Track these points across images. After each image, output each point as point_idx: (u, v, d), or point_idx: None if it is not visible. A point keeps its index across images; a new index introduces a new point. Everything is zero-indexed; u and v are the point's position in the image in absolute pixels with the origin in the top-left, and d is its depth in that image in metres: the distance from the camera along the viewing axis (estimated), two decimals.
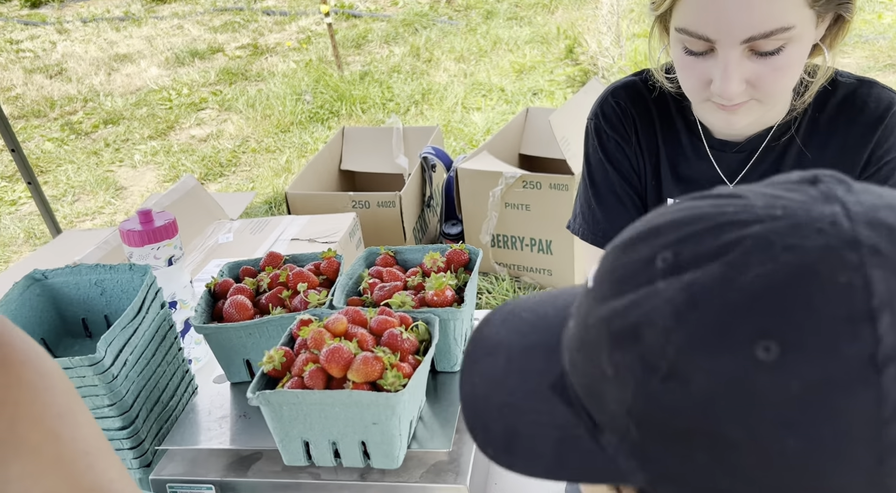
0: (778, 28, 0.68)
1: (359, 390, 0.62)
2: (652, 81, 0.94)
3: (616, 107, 0.93)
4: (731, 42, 0.69)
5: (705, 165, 0.91)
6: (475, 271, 0.82)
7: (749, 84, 0.73)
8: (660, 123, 0.93)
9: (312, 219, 2.20)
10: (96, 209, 3.47)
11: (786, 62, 0.72)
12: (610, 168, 0.94)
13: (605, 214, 0.96)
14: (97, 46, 6.71)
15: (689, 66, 0.75)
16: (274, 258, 0.87)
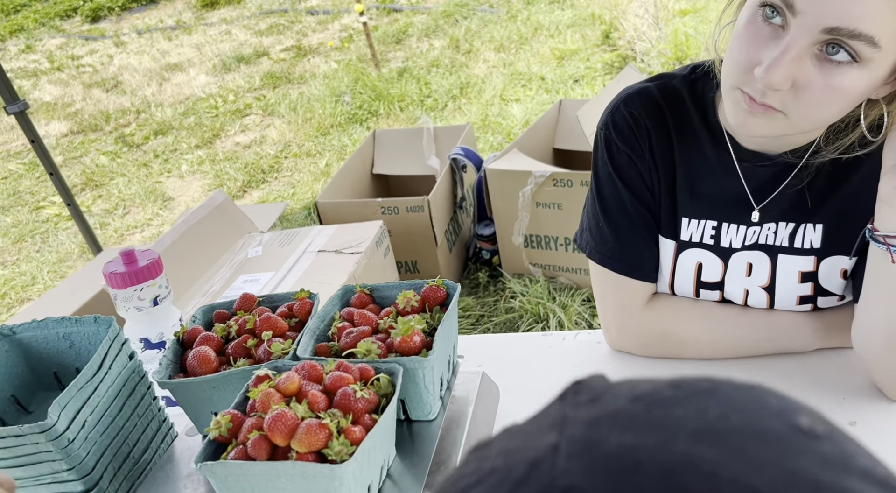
0: (867, 35, 0.59)
1: (304, 460, 0.58)
2: (670, 86, 0.86)
3: (629, 117, 0.85)
4: (811, 23, 0.61)
5: (731, 179, 0.82)
6: (451, 309, 0.77)
7: (794, 86, 0.64)
8: (677, 135, 0.84)
9: (340, 229, 2.18)
10: (145, 222, 3.58)
11: (844, 85, 0.63)
12: (620, 184, 0.87)
13: (614, 233, 0.88)
14: (150, 57, 6.94)
15: (746, 39, 0.66)
16: (246, 301, 0.84)
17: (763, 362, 0.87)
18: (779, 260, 0.83)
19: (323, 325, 0.79)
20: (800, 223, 0.81)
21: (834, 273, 0.81)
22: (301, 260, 2.02)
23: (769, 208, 0.82)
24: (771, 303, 0.85)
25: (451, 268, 2.57)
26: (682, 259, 0.86)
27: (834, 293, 0.83)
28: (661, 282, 0.90)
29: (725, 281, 0.86)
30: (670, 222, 0.87)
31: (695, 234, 0.85)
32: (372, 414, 0.64)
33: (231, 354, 0.76)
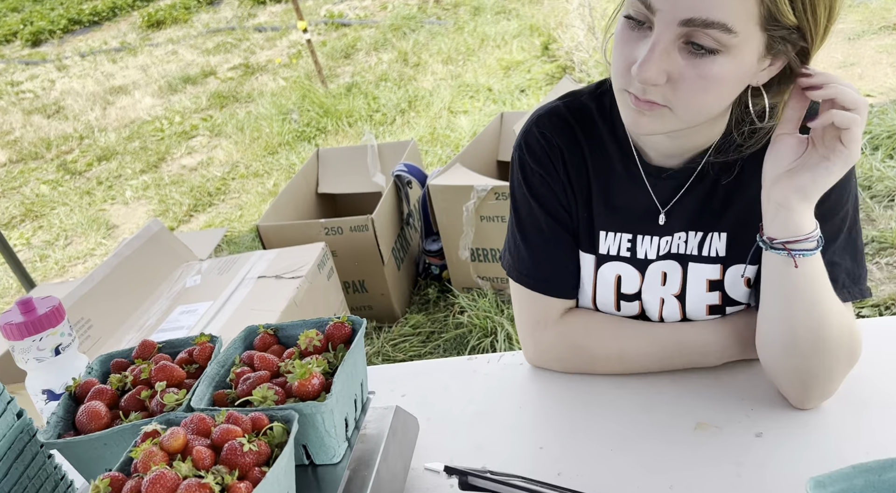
0: (719, 23, 0.62)
1: None
2: (579, 103, 0.87)
3: (540, 138, 0.86)
4: (669, 18, 0.64)
5: (640, 192, 0.84)
6: (355, 346, 0.75)
7: (669, 82, 0.67)
8: (589, 151, 0.85)
9: (281, 253, 2.14)
10: (88, 252, 3.47)
11: (714, 73, 0.65)
12: (535, 204, 0.88)
13: (530, 251, 0.90)
14: (94, 80, 6.78)
15: (621, 41, 0.70)
16: (145, 348, 0.80)
17: (674, 376, 0.87)
18: (689, 268, 0.84)
19: (223, 370, 0.76)
20: (707, 232, 0.83)
21: (738, 281, 0.83)
22: (240, 288, 1.98)
23: (678, 217, 0.83)
24: (683, 312, 0.86)
25: (400, 285, 2.55)
26: (602, 272, 0.88)
27: (740, 302, 0.84)
28: (584, 296, 0.90)
29: (643, 291, 0.87)
30: (589, 237, 0.88)
31: (612, 247, 0.86)
32: (262, 467, 0.62)
33: (124, 407, 0.73)
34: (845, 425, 0.75)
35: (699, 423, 0.79)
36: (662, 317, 0.88)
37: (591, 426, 0.83)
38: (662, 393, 0.85)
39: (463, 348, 2.24)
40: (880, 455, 0.70)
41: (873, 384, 0.80)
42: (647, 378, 0.88)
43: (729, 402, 0.81)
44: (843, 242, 0.78)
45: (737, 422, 0.78)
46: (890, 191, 2.37)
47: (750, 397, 0.81)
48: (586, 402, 0.87)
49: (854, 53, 3.48)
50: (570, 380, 0.92)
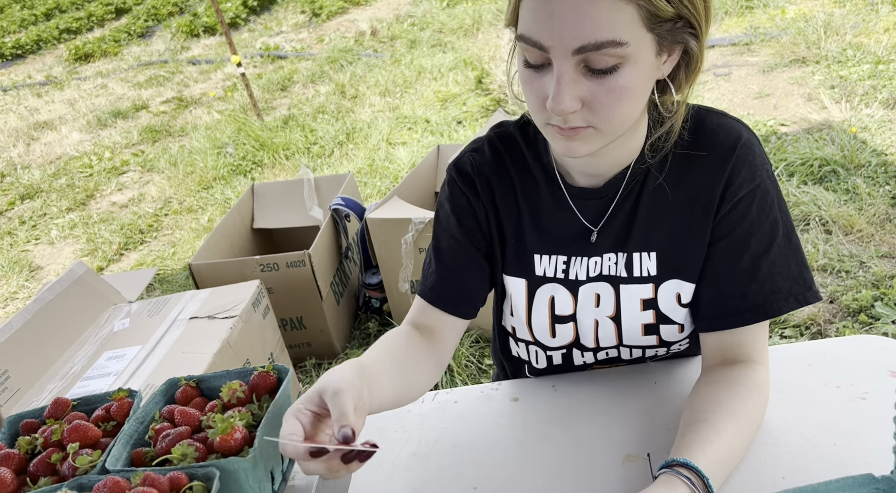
0: (608, 41, 0.64)
1: None
2: (507, 133, 0.90)
3: (472, 166, 0.90)
4: (563, 52, 0.66)
5: (568, 215, 0.86)
6: (281, 395, 0.74)
7: (585, 105, 0.69)
8: (518, 178, 0.88)
9: (214, 292, 2.09)
10: (9, 295, 3.30)
11: (622, 84, 0.67)
12: (455, 222, 0.91)
13: (440, 269, 0.92)
14: (17, 115, 6.52)
15: (528, 82, 0.72)
16: (58, 407, 0.77)
17: (602, 409, 0.88)
18: (621, 290, 0.86)
19: (142, 427, 0.73)
20: (633, 252, 0.84)
21: (671, 298, 0.84)
22: (171, 330, 1.91)
23: (606, 238, 0.85)
24: (619, 333, 0.88)
25: (340, 320, 2.52)
26: (538, 295, 0.89)
27: (674, 321, 0.86)
28: (518, 319, 0.92)
29: (577, 313, 0.88)
30: (522, 261, 0.89)
31: (548, 269, 0.88)
32: None
33: (32, 473, 0.69)
34: (763, 451, 0.78)
35: (627, 455, 0.81)
36: (598, 338, 0.89)
37: (522, 462, 0.84)
38: (592, 427, 0.87)
39: None
40: (798, 482, 0.73)
41: (790, 411, 0.83)
42: (578, 410, 0.90)
43: (657, 433, 0.83)
44: (783, 249, 0.78)
45: (665, 453, 0.80)
46: (805, 215, 2.50)
47: (676, 427, 0.83)
48: (519, 438, 0.88)
49: (768, 85, 3.69)
50: (502, 416, 0.93)
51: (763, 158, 0.80)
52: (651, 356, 0.94)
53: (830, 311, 2.08)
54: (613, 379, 0.94)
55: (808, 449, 0.76)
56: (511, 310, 0.92)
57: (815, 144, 2.87)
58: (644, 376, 0.94)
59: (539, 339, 0.92)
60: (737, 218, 0.78)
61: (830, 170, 2.71)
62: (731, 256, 0.79)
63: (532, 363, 0.98)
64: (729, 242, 0.79)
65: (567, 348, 0.93)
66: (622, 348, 0.91)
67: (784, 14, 4.51)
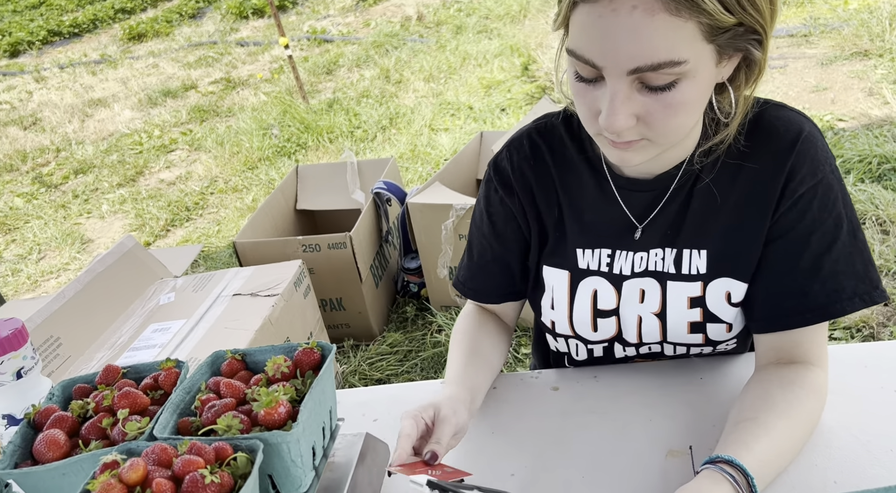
0: (667, 61, 0.61)
1: None
2: (550, 126, 0.88)
3: (509, 163, 0.89)
4: (617, 71, 0.63)
5: (613, 208, 0.84)
6: (324, 373, 0.74)
7: (640, 120, 0.66)
8: (559, 172, 0.87)
9: (257, 270, 2.12)
10: (62, 266, 3.41)
11: (679, 99, 0.65)
12: (487, 221, 0.93)
13: (469, 264, 0.97)
14: (73, 92, 6.71)
15: (579, 94, 0.69)
16: (109, 373, 0.79)
17: (646, 401, 0.87)
18: (668, 287, 0.84)
19: (188, 397, 0.75)
20: (683, 249, 0.82)
21: (720, 297, 0.82)
22: (215, 305, 1.95)
23: (654, 233, 0.83)
24: (663, 329, 0.86)
25: (378, 303, 2.53)
26: (581, 288, 0.88)
27: (722, 320, 0.83)
28: (558, 313, 0.90)
29: (620, 308, 0.87)
30: (564, 254, 0.88)
31: (591, 262, 0.87)
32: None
33: (84, 436, 0.71)
34: (813, 453, 0.75)
35: (671, 450, 0.79)
36: (641, 334, 0.88)
37: (562, 451, 0.83)
38: (634, 419, 0.85)
39: (440, 368, 2.23)
40: (849, 487, 0.70)
41: (844, 414, 0.80)
42: (620, 402, 0.88)
43: (701, 429, 0.81)
44: (847, 247, 0.74)
45: (708, 450, 0.78)
46: (861, 214, 2.41)
47: (722, 424, 0.81)
48: (559, 427, 0.87)
49: (826, 78, 3.56)
50: (541, 404, 0.92)
51: (826, 151, 0.76)
52: (696, 354, 0.91)
53: (885, 313, 2.00)
54: (658, 372, 0.92)
55: (862, 454, 0.74)
56: (552, 303, 0.90)
57: (875, 141, 2.76)
58: (690, 370, 0.91)
59: (580, 333, 0.90)
60: (797, 215, 0.75)
61: (890, 167, 2.61)
62: (790, 255, 0.76)
63: (572, 355, 0.96)
64: (788, 240, 0.76)
65: (609, 341, 0.91)
66: (665, 345, 0.89)
67: (847, 5, 4.33)
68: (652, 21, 0.59)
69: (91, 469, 0.68)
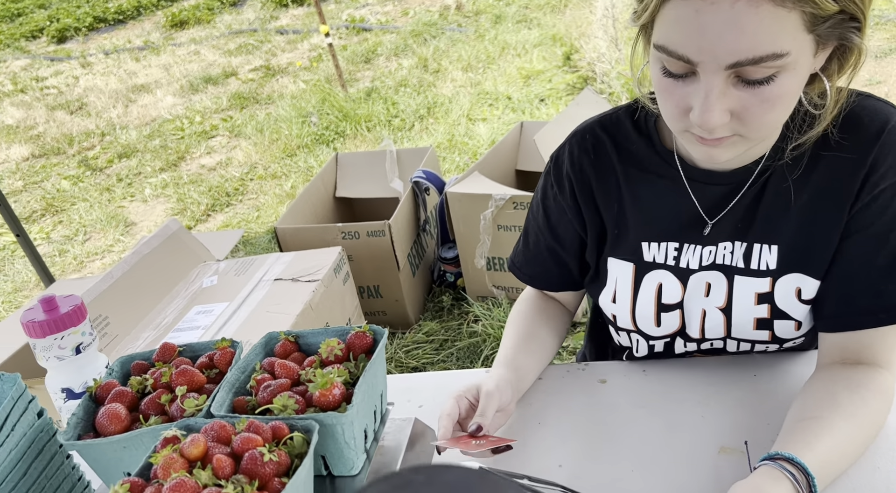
0: (769, 54, 0.59)
1: None
2: (614, 118, 0.87)
3: (567, 158, 0.89)
4: (714, 67, 0.61)
5: (683, 201, 0.82)
6: (376, 357, 0.75)
7: (734, 116, 0.64)
8: (623, 167, 0.85)
9: (297, 256, 2.14)
10: (106, 248, 3.50)
11: (777, 93, 0.62)
12: (542, 213, 0.93)
13: (524, 250, 0.99)
14: (117, 78, 6.86)
15: (667, 90, 0.67)
16: (166, 351, 0.80)
17: (697, 396, 0.85)
18: (735, 281, 0.81)
19: (243, 376, 0.76)
20: (754, 243, 0.79)
21: (790, 293, 0.79)
22: (257, 289, 1.98)
23: (723, 226, 0.80)
24: (728, 325, 0.84)
25: (415, 292, 2.54)
26: (645, 281, 0.86)
27: (791, 317, 0.80)
28: (620, 307, 0.89)
29: (685, 301, 0.85)
30: (628, 248, 0.86)
31: (657, 256, 0.85)
32: (282, 478, 0.61)
33: (144, 411, 0.72)
34: (876, 455, 0.73)
35: (723, 447, 0.78)
36: (704, 329, 0.86)
37: (610, 445, 0.82)
38: (685, 414, 0.84)
39: (476, 358, 2.23)
40: None
41: None
42: (671, 397, 0.87)
43: (756, 426, 0.80)
44: None
45: (762, 448, 0.77)
46: None
47: (776, 422, 0.79)
48: (606, 420, 0.86)
49: (880, 71, 3.44)
50: (588, 397, 0.91)
51: None
52: (760, 351, 0.89)
53: None
54: (708, 368, 0.91)
55: None
56: (613, 297, 0.88)
57: None
58: (742, 366, 0.90)
59: (641, 328, 0.88)
60: (877, 211, 0.72)
61: None
62: (866, 252, 0.73)
63: (633, 352, 0.95)
64: (865, 236, 0.73)
65: (670, 337, 0.89)
66: (729, 341, 0.87)
67: None
68: (756, 13, 0.57)
69: (150, 443, 0.70)
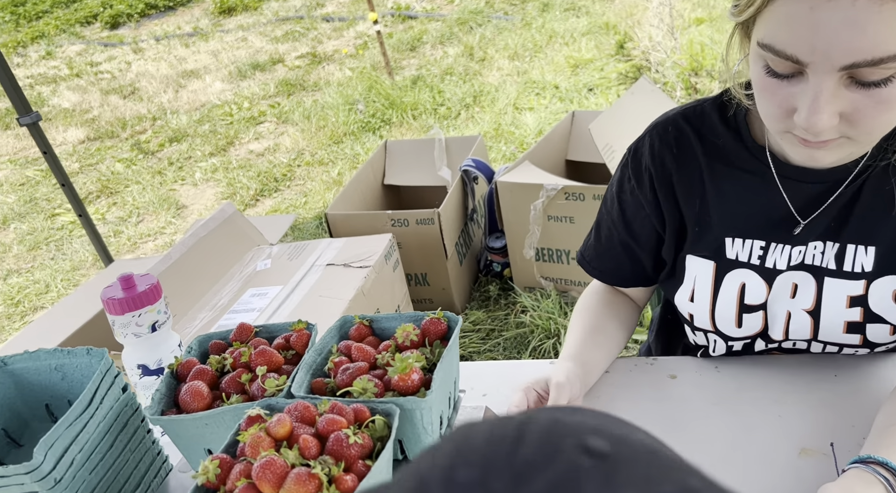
0: (887, 56, 0.56)
1: None
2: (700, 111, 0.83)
3: (648, 151, 0.85)
4: (826, 67, 0.58)
5: (773, 197, 0.78)
6: (452, 344, 0.74)
7: (843, 118, 0.61)
8: (707, 161, 0.82)
9: (349, 242, 2.16)
10: (158, 230, 3.59)
11: (892, 96, 0.59)
12: (617, 206, 0.90)
13: (596, 244, 0.96)
14: (168, 64, 6.99)
15: (769, 90, 0.64)
16: (243, 331, 0.82)
17: (774, 396, 0.83)
18: (825, 283, 0.78)
19: (320, 358, 0.77)
20: (847, 244, 0.76)
21: (886, 296, 0.76)
22: (309, 274, 2.00)
23: (814, 226, 0.77)
24: (815, 328, 0.81)
25: (462, 281, 2.54)
26: (727, 280, 0.83)
27: (887, 321, 0.77)
28: (698, 306, 0.85)
29: (769, 303, 0.81)
30: (709, 244, 0.83)
31: (741, 253, 0.82)
32: (366, 460, 0.62)
33: (224, 389, 0.74)
34: None
35: (804, 448, 0.76)
36: (788, 331, 0.83)
37: (681, 441, 0.81)
38: (762, 414, 0.82)
39: (524, 348, 2.22)
40: None
41: None
42: (746, 395, 0.85)
43: (839, 428, 0.77)
44: None
45: (846, 451, 0.74)
46: None
47: (862, 425, 0.77)
48: (677, 416, 0.85)
49: None
50: (657, 392, 0.90)
51: None
52: (848, 355, 0.86)
53: None
54: (786, 366, 0.88)
55: None
56: (691, 295, 0.85)
57: None
58: (822, 366, 0.87)
59: (721, 328, 0.85)
60: None
61: None
62: None
63: (709, 351, 0.92)
64: None
65: (751, 338, 0.86)
66: (814, 343, 0.83)
67: None
68: (879, 11, 0.54)
69: (231, 422, 0.71)
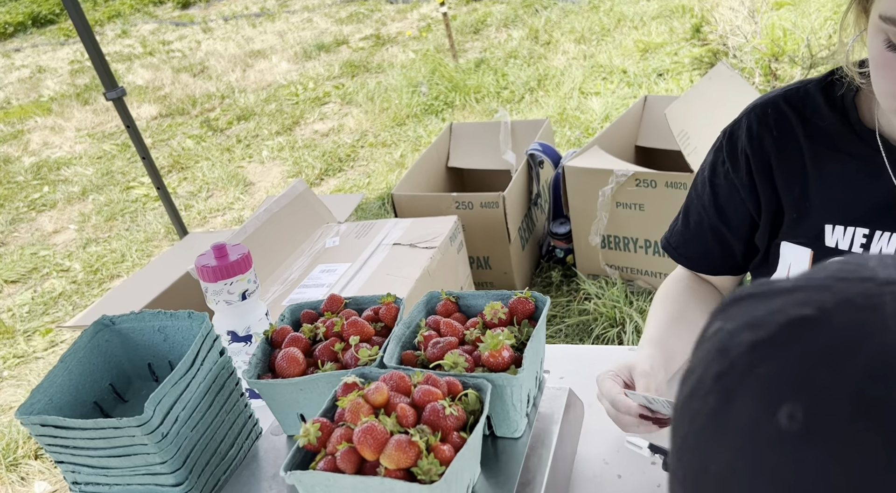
0: None
1: (392, 477, 0.57)
2: (803, 92, 0.81)
3: (745, 133, 0.83)
4: None
5: (880, 182, 0.75)
6: (540, 324, 0.75)
7: None
8: (810, 144, 0.79)
9: (415, 222, 2.18)
10: (227, 205, 3.70)
11: None
12: (709, 190, 0.88)
13: (684, 230, 0.94)
14: (235, 43, 7.15)
15: (888, 65, 0.62)
16: (333, 302, 0.84)
17: None
18: None
19: (409, 332, 0.78)
20: None
21: None
22: (377, 252, 2.03)
23: None
24: None
25: (524, 266, 2.53)
26: None
27: None
28: None
29: None
30: (807, 230, 0.81)
31: (841, 241, 0.79)
32: (460, 432, 0.63)
33: (318, 356, 0.76)
34: None
35: None
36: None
37: None
38: None
39: (587, 336, 2.20)
40: None
41: None
42: None
43: None
44: None
45: None
46: None
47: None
48: None
49: None
50: None
51: None
52: None
53: None
54: None
55: None
56: None
57: None
58: None
59: None
60: None
61: None
62: None
63: None
64: None
65: None
66: None
67: None
68: None
69: (325, 388, 0.73)
